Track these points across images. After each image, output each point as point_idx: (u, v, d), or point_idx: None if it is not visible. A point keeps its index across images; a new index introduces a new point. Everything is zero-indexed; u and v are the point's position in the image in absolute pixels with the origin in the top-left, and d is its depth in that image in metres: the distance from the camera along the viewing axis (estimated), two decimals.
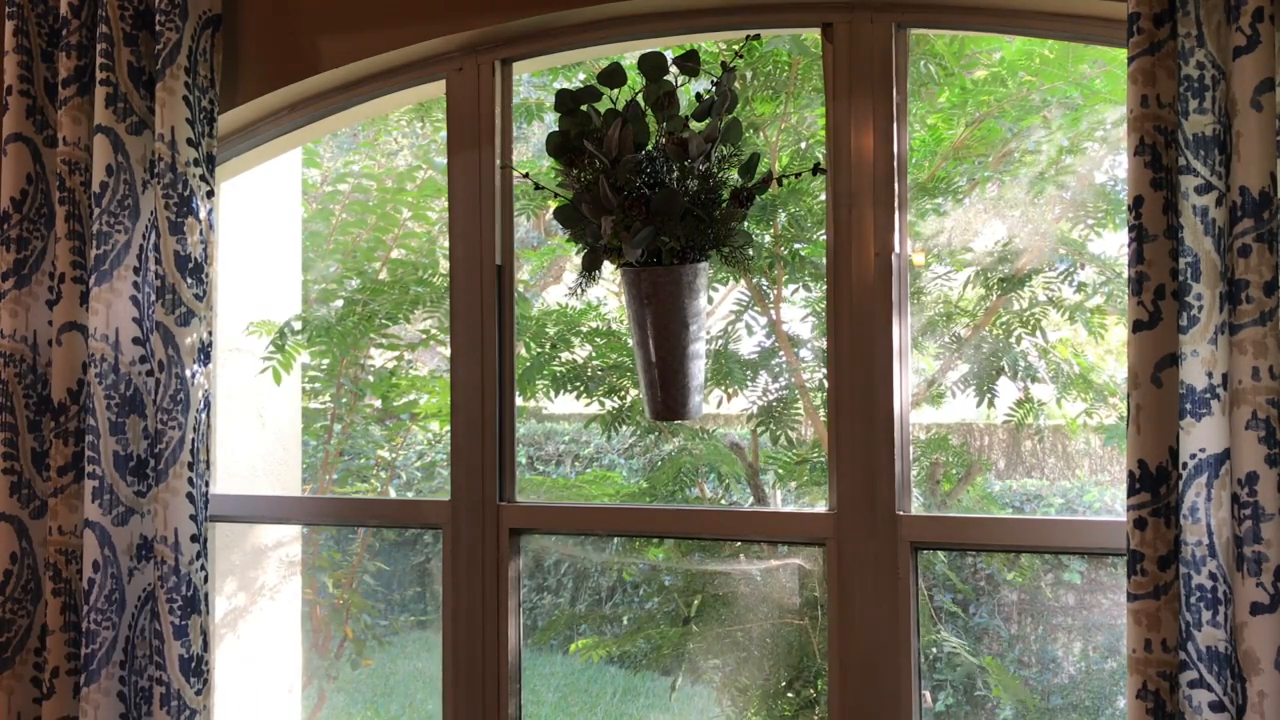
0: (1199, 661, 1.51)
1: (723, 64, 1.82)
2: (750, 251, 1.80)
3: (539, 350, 3.43)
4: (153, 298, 2.05)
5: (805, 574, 3.49)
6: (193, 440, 2.02)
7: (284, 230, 3.13)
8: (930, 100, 3.17)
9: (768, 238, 3.19)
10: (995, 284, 3.18)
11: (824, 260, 2.16)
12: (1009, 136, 3.22)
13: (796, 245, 3.16)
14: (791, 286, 3.27)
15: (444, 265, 3.34)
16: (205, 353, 2.04)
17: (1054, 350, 3.22)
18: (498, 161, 2.02)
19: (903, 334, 1.84)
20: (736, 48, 1.87)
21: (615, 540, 4.25)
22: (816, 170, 1.85)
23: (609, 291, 3.84)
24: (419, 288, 3.58)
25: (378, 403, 4.01)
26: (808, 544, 3.10)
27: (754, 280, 3.23)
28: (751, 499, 3.52)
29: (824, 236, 2.46)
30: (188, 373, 2.01)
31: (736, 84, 2.05)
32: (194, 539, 2.00)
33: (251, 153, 2.30)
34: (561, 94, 1.81)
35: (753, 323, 3.27)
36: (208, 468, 2.05)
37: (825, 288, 1.91)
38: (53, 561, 2.04)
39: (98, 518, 1.99)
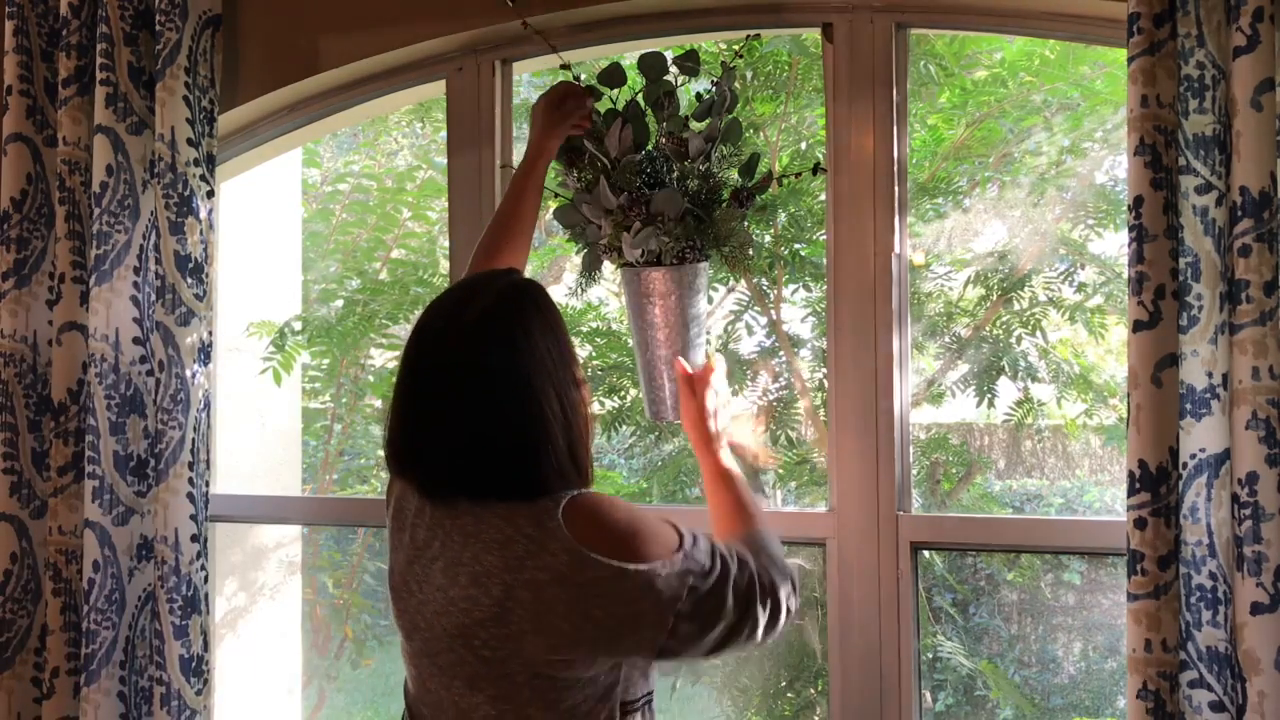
0: (1199, 661, 1.51)
1: (723, 64, 1.82)
2: (750, 251, 1.80)
3: None
4: (153, 298, 2.05)
5: (805, 574, 3.48)
6: (193, 440, 2.01)
7: (284, 230, 3.13)
8: (930, 100, 3.17)
9: (768, 238, 3.19)
10: (995, 284, 3.18)
11: (824, 260, 2.16)
12: (1009, 137, 3.22)
13: (796, 245, 3.16)
14: (791, 286, 3.26)
15: (444, 265, 3.34)
16: (205, 353, 2.04)
17: (1054, 350, 3.21)
18: (498, 161, 2.02)
19: (903, 334, 1.84)
20: (736, 48, 1.87)
21: None
22: (816, 170, 1.85)
23: (609, 291, 3.83)
24: (419, 288, 3.58)
25: (378, 403, 4.01)
26: (808, 544, 3.10)
27: (754, 280, 3.23)
28: None
29: (824, 236, 2.45)
30: (188, 373, 2.01)
31: (736, 84, 2.04)
32: (194, 539, 2.00)
33: (251, 153, 2.30)
34: None
35: (753, 323, 3.27)
36: (208, 468, 2.05)
37: (825, 288, 1.91)
38: (53, 561, 2.04)
39: (98, 518, 1.99)
